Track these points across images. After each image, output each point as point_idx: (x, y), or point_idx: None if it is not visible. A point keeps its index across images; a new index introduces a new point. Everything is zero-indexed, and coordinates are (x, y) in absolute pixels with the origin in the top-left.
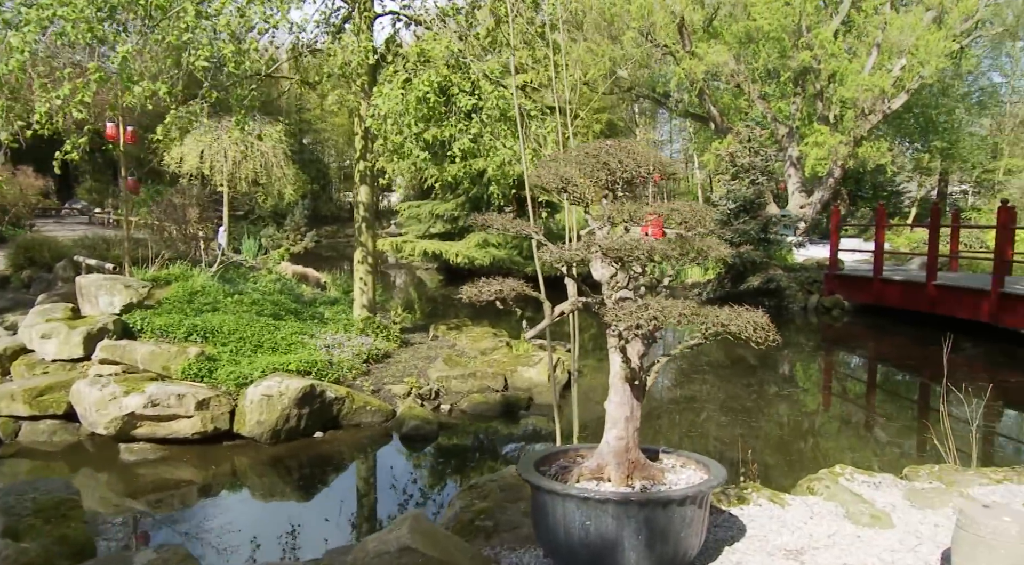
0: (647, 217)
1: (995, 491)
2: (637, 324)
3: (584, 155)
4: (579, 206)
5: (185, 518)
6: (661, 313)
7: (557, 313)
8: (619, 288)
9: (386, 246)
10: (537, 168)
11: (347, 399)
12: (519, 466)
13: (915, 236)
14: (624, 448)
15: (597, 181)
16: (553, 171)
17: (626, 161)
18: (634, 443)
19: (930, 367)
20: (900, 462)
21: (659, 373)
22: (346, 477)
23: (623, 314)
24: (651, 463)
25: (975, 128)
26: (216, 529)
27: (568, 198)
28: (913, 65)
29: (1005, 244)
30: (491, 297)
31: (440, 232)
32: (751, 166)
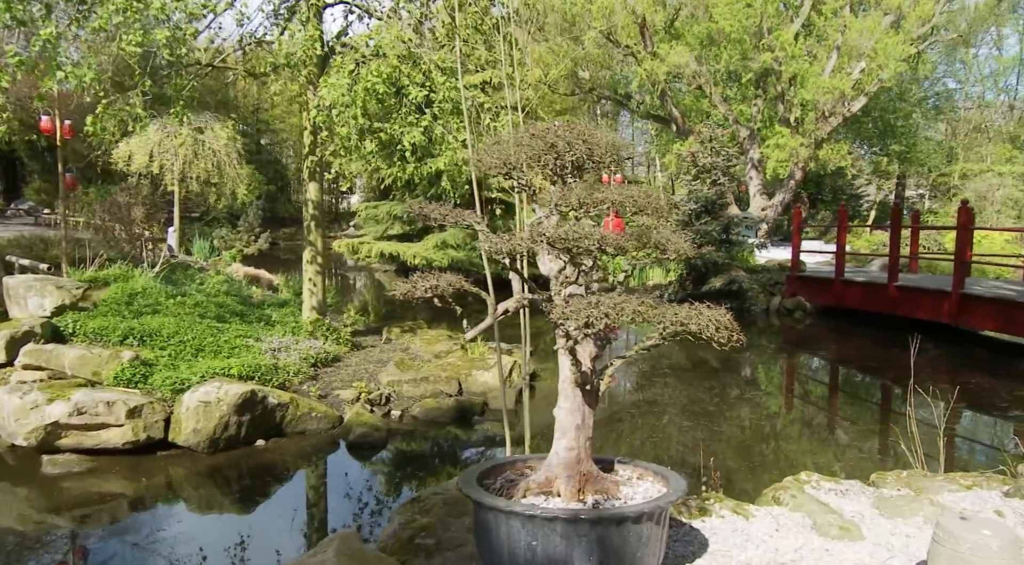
0: (601, 206)
1: (965, 498)
2: (587, 322)
3: (530, 137)
4: (527, 194)
5: (111, 534)
6: (613, 310)
7: (501, 311)
8: (568, 283)
9: (342, 247)
10: (480, 152)
11: (291, 405)
12: (460, 480)
13: (874, 238)
14: (575, 459)
15: (545, 166)
16: (496, 155)
17: (575, 143)
18: (586, 454)
19: (892, 369)
20: (866, 466)
21: (614, 377)
22: (286, 489)
23: (571, 312)
24: (605, 475)
25: (931, 133)
26: (143, 546)
27: (514, 186)
28: (872, 68)
29: (965, 245)
30: (426, 293)
31: (399, 233)
32: (713, 166)
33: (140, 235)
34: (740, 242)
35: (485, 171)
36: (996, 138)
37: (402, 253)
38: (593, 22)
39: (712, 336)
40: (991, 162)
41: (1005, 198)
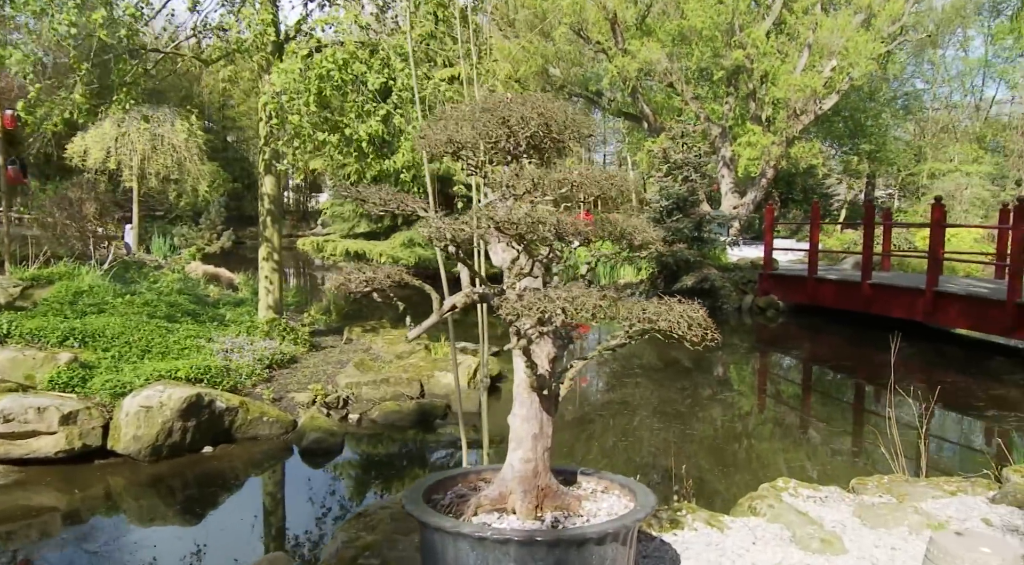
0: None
1: (950, 505)
2: (540, 318)
3: (480, 111)
4: (477, 176)
5: (40, 551)
6: (570, 305)
7: (447, 307)
8: (522, 276)
9: (307, 246)
10: (423, 128)
11: (241, 409)
12: (405, 495)
13: (845, 237)
14: (532, 472)
15: (496, 143)
16: (442, 131)
17: (530, 116)
18: (544, 466)
19: (867, 368)
20: (845, 470)
21: (583, 377)
22: (230, 501)
23: (522, 307)
24: (565, 489)
25: (900, 133)
26: (74, 563)
27: (463, 166)
28: (843, 66)
29: (938, 242)
30: (362, 287)
31: (365, 231)
32: (684, 163)
33: (93, 232)
34: (712, 240)
35: (430, 150)
36: (963, 138)
37: (368, 251)
38: (563, 17)
39: (684, 334)
40: (958, 162)
41: (973, 197)
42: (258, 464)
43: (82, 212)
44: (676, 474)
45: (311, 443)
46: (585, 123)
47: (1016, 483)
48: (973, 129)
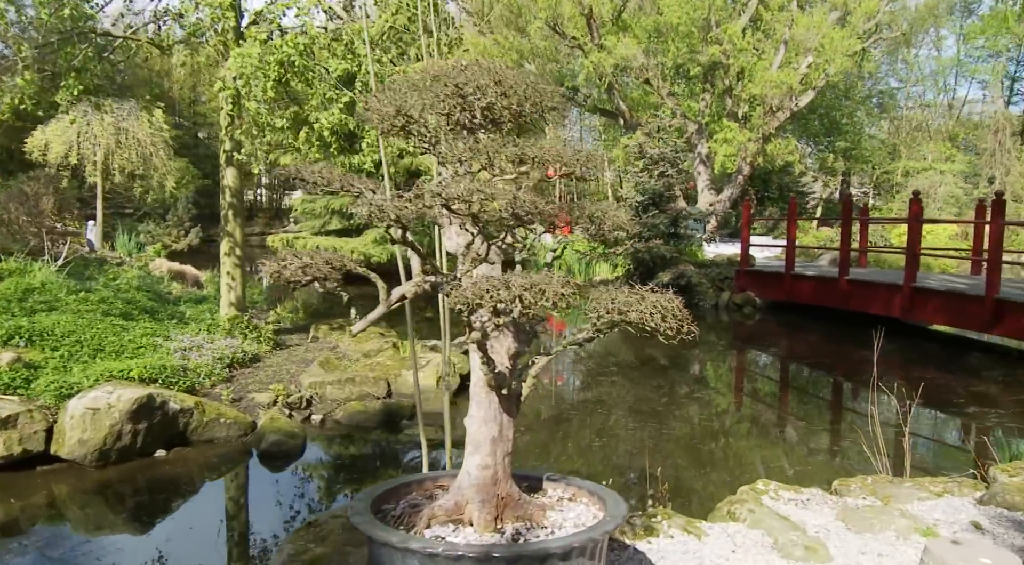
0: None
1: (936, 506)
2: (496, 309)
3: (432, 79)
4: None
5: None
6: (529, 293)
7: (396, 298)
8: (478, 261)
9: (277, 243)
10: (370, 100)
11: (196, 411)
12: (352, 505)
13: (821, 235)
14: (491, 479)
15: (450, 115)
16: (389, 102)
17: (485, 84)
18: (505, 472)
19: (846, 365)
20: (826, 471)
21: (538, 378)
22: (181, 507)
23: (473, 295)
24: (528, 498)
25: (874, 131)
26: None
27: (414, 142)
28: (819, 63)
29: (916, 238)
30: (298, 276)
31: (338, 228)
32: (660, 158)
33: (51, 228)
34: (688, 236)
35: (380, 125)
36: (936, 137)
37: (339, 248)
38: (539, 12)
39: (658, 326)
40: (932, 160)
41: (946, 195)
42: (214, 468)
43: (39, 207)
44: (651, 476)
45: (270, 446)
46: (550, 93)
47: (1004, 483)
48: (946, 128)
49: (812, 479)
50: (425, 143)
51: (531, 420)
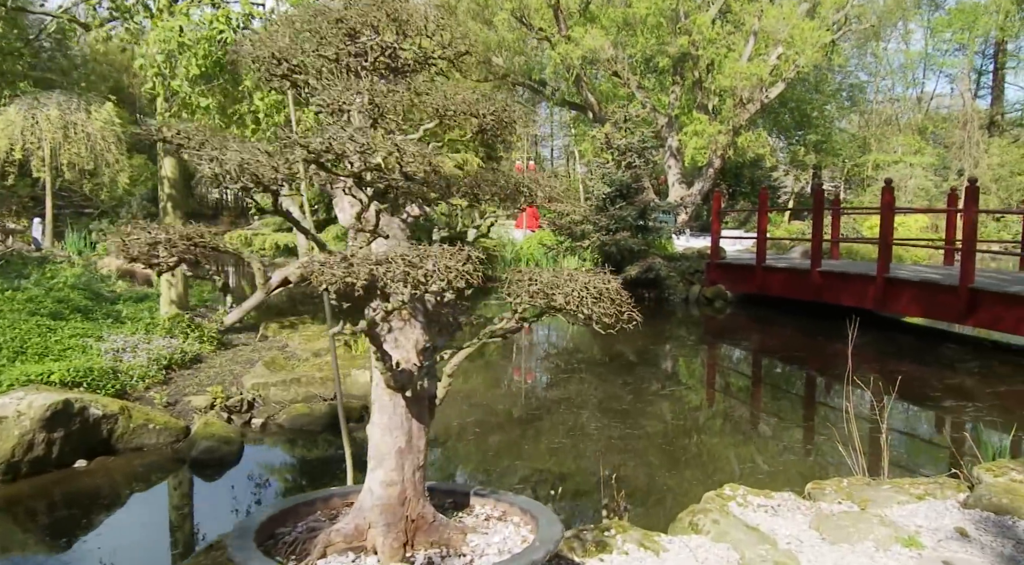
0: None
1: (917, 511)
2: (383, 292)
3: (313, 17)
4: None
5: None
6: (411, 268)
7: (276, 283)
8: (370, 234)
9: (235, 240)
10: (240, 41)
11: (121, 416)
12: (235, 529)
13: (793, 228)
14: (397, 499)
15: (338, 59)
16: (266, 46)
17: (378, 19)
18: (416, 489)
19: (818, 358)
20: (799, 470)
21: (454, 377)
22: (93, 524)
23: (342, 274)
24: (447, 520)
25: (845, 125)
26: None
27: (298, 92)
28: (789, 55)
29: (889, 227)
30: (144, 253)
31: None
32: (627, 148)
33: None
34: (657, 228)
35: (257, 73)
36: (906, 130)
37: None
38: (504, 3)
39: (590, 312)
40: (902, 153)
41: (916, 188)
42: (139, 478)
43: None
44: (607, 484)
45: (202, 453)
46: (461, 35)
47: (989, 484)
48: (915, 121)
49: (784, 481)
50: (302, 88)
51: (488, 420)
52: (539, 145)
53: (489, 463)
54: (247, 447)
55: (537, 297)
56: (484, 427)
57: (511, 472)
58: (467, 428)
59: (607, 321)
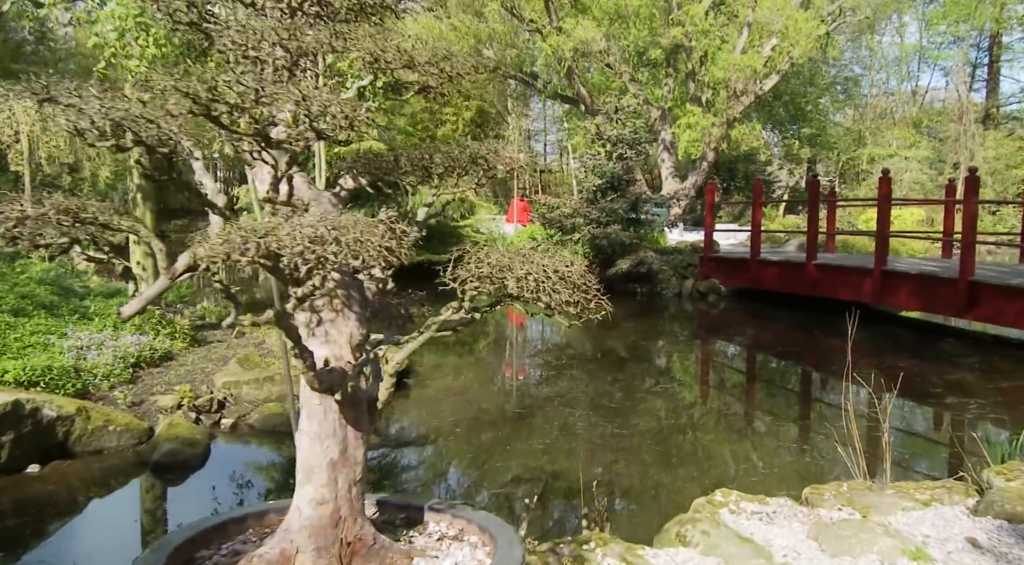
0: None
1: (924, 519)
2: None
3: None
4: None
5: None
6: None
7: (182, 266)
8: (284, 204)
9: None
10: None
11: (79, 417)
12: (145, 556)
13: (788, 222)
14: (330, 519)
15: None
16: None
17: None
18: (352, 508)
19: (814, 354)
20: (796, 473)
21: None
22: (47, 535)
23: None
24: (389, 542)
25: (839, 118)
26: None
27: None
28: (784, 46)
29: (886, 219)
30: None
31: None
32: (619, 139)
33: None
34: (650, 221)
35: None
36: (901, 124)
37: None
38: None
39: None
40: (897, 146)
41: (912, 181)
42: (97, 483)
43: None
44: (588, 489)
45: (164, 456)
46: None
47: (1001, 489)
48: (910, 115)
49: (781, 483)
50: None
51: (472, 418)
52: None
53: (470, 464)
54: (214, 449)
55: (485, 282)
56: (468, 425)
57: (491, 475)
58: (451, 426)
59: (571, 311)
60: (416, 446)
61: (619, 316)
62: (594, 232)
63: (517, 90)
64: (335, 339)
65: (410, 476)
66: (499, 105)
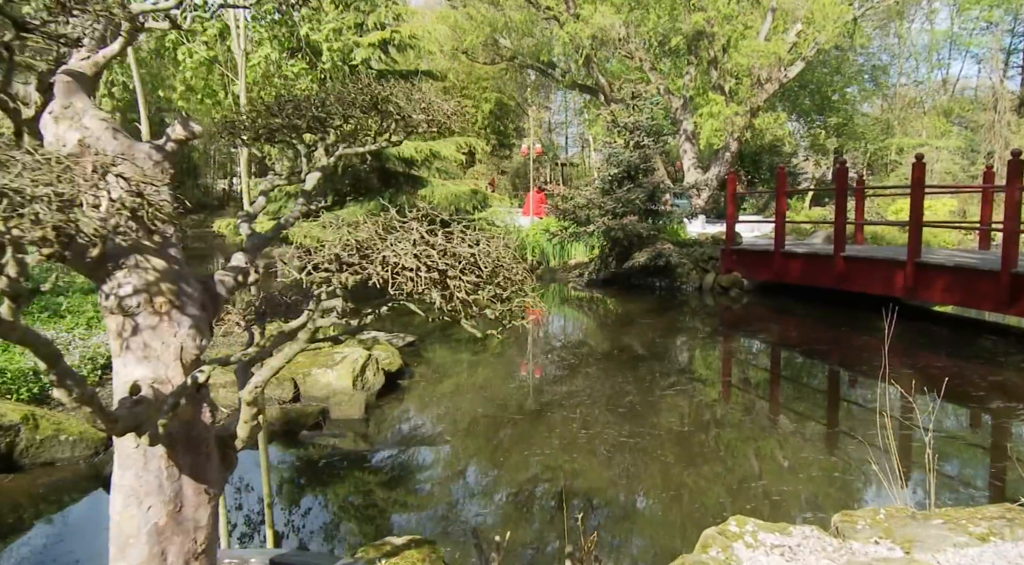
0: None
1: (981, 557)
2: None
3: None
4: None
5: None
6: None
7: None
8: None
9: (223, 228)
10: None
11: (24, 427)
12: None
13: (814, 214)
14: None
15: None
16: None
17: None
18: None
19: (844, 353)
20: (824, 492)
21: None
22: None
23: None
24: None
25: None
26: None
27: None
28: (810, 33)
29: (920, 206)
30: None
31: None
32: (636, 126)
33: None
34: (668, 212)
35: None
36: (931, 113)
37: (292, 234)
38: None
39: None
40: (927, 136)
41: (943, 172)
42: (41, 499)
43: None
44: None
45: None
46: None
47: None
48: (941, 103)
49: (807, 506)
50: None
51: (461, 427)
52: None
53: (451, 480)
54: None
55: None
56: (460, 433)
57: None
58: (440, 434)
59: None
60: (395, 458)
61: (636, 312)
62: (609, 223)
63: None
64: (158, 354)
65: (372, 500)
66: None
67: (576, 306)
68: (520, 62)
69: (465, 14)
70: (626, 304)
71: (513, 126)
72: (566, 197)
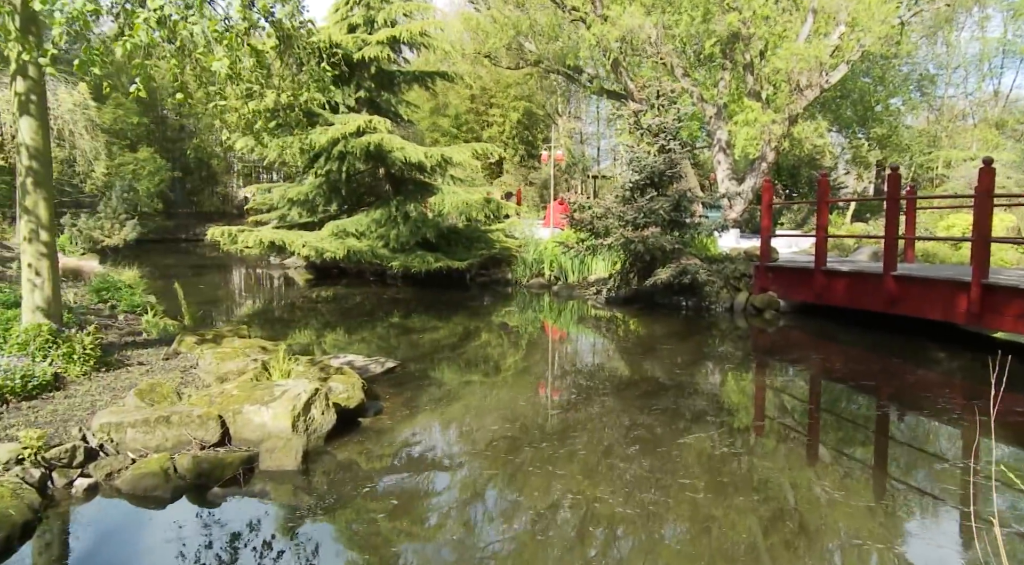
0: None
1: None
2: None
3: None
4: None
5: None
6: None
7: None
8: None
9: (218, 235)
10: None
11: None
12: None
13: (856, 229)
14: None
15: None
16: None
17: None
18: None
19: (895, 387)
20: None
21: None
22: None
23: None
24: None
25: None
26: None
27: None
28: (854, 35)
29: (988, 219)
30: None
31: (302, 222)
32: (660, 129)
33: None
34: (696, 224)
35: None
36: (981, 125)
37: (289, 243)
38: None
39: None
40: (976, 149)
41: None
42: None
43: None
44: None
45: None
46: None
47: None
48: (992, 115)
49: None
50: None
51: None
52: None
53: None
54: (41, 528)
55: None
56: (427, 495)
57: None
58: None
59: None
60: (321, 534)
61: (658, 334)
62: (628, 235)
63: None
64: None
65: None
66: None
67: (593, 326)
68: (546, 66)
69: (489, 17)
70: (648, 325)
71: (542, 136)
72: (582, 206)
